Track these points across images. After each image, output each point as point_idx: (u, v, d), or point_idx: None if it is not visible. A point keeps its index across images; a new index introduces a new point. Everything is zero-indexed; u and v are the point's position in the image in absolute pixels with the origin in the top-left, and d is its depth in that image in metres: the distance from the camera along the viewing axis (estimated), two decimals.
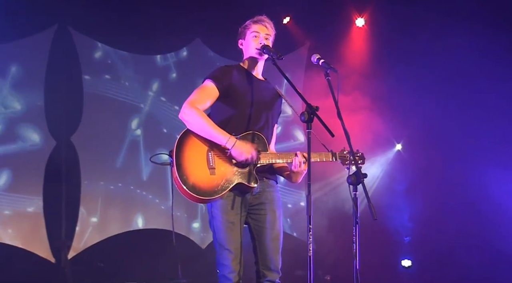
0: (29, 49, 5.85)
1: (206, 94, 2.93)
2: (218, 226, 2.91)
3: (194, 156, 2.84)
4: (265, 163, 2.93)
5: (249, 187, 2.90)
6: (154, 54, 6.50)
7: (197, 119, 2.84)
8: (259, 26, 3.06)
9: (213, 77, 2.96)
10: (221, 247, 2.90)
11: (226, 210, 2.89)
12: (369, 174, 2.70)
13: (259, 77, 3.12)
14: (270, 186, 3.03)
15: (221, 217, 2.89)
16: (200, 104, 2.90)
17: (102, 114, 6.16)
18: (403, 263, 6.57)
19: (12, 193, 5.77)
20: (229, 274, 2.87)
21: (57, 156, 5.92)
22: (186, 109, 2.86)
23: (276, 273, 2.97)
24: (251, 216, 2.99)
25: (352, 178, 2.61)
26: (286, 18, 6.54)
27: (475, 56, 5.87)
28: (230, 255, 2.87)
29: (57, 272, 5.78)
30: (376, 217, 2.46)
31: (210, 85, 2.94)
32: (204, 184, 2.80)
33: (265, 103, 3.05)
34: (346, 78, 6.15)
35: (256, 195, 2.97)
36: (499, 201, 5.87)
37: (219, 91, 2.94)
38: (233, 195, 2.90)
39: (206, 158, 2.85)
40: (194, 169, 2.81)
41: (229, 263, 2.87)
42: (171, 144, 2.86)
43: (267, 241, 2.96)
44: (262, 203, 2.99)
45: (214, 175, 2.82)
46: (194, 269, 5.52)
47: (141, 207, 6.35)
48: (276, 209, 3.01)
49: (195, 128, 2.86)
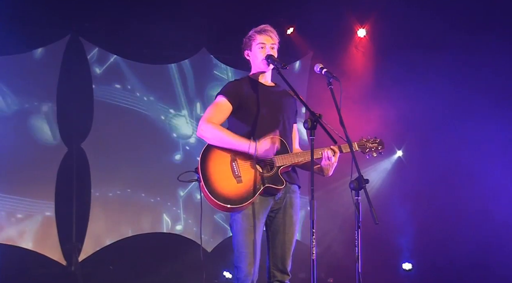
0: (42, 59, 6.01)
1: (219, 110, 3.02)
2: (238, 230, 2.97)
3: (219, 168, 2.91)
4: (288, 164, 2.99)
5: (276, 189, 2.97)
6: (163, 63, 6.61)
7: (215, 132, 2.93)
8: (264, 36, 3.11)
9: (224, 93, 3.05)
10: (238, 250, 2.97)
11: (247, 214, 2.96)
12: (370, 180, 2.75)
13: (268, 84, 3.18)
14: (292, 192, 3.09)
15: (241, 221, 2.96)
16: (215, 119, 2.98)
17: (111, 122, 6.31)
18: (404, 266, 6.61)
19: (25, 197, 5.90)
20: (244, 277, 2.94)
21: (68, 162, 6.05)
22: (203, 126, 2.95)
23: (286, 275, 3.04)
24: (270, 219, 3.07)
25: (354, 183, 2.66)
26: (290, 29, 6.62)
27: (476, 64, 5.93)
28: (246, 258, 2.94)
29: (68, 274, 5.88)
30: (377, 221, 2.51)
31: (222, 100, 3.03)
32: (233, 193, 2.88)
33: (278, 107, 3.11)
34: (347, 87, 6.21)
35: (278, 200, 3.04)
36: (500, 205, 5.89)
37: (232, 105, 3.02)
38: (255, 200, 2.95)
39: (231, 168, 2.92)
40: (221, 181, 2.89)
41: (245, 266, 2.94)
42: (179, 149, 2.95)
43: (280, 244, 3.04)
44: (282, 208, 3.06)
45: (241, 183, 2.90)
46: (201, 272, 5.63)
47: (150, 211, 6.45)
48: (294, 214, 3.08)
49: (215, 141, 2.94)
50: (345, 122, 2.76)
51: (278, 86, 3.23)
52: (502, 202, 5.94)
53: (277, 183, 2.96)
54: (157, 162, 6.47)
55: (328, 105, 2.95)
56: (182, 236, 6.53)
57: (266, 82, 3.19)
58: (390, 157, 6.91)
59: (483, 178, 5.94)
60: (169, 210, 6.55)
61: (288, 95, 3.21)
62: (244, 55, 3.22)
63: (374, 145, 3.17)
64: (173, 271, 6.04)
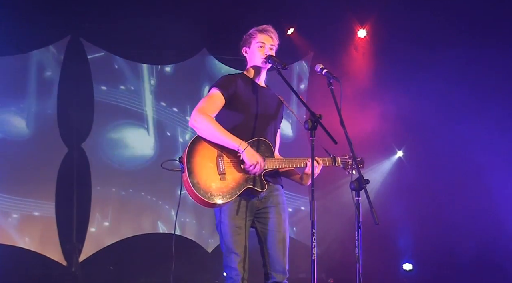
0: (43, 59, 6.04)
1: (213, 102, 2.98)
2: (225, 230, 2.97)
3: (204, 162, 2.88)
4: (272, 168, 2.99)
5: (257, 192, 2.96)
6: (163, 63, 6.63)
7: (208, 125, 2.89)
8: (264, 36, 3.10)
9: (218, 85, 3.02)
10: (228, 250, 2.97)
11: (233, 215, 2.96)
12: (371, 180, 2.76)
13: (262, 85, 3.17)
14: (276, 190, 3.08)
15: (228, 222, 2.95)
16: (209, 111, 2.94)
17: (112, 122, 6.34)
18: (405, 266, 6.61)
19: (25, 198, 5.92)
20: (236, 276, 2.95)
21: (69, 163, 6.07)
22: (196, 116, 2.91)
23: (283, 274, 3.03)
24: (257, 220, 3.05)
25: (354, 184, 2.68)
26: (291, 29, 6.63)
27: (475, 65, 5.92)
28: (236, 258, 2.95)
29: (69, 275, 5.90)
30: (378, 222, 2.51)
31: (216, 93, 3.00)
32: (214, 189, 2.85)
33: (269, 110, 3.12)
34: (348, 87, 6.23)
35: (262, 199, 3.03)
36: (502, 206, 5.89)
37: (225, 98, 2.99)
38: (240, 199, 2.95)
39: (216, 164, 2.90)
40: (205, 175, 2.86)
41: (236, 265, 2.95)
42: (179, 149, 2.94)
43: (273, 244, 3.02)
44: (268, 207, 3.04)
45: (225, 181, 2.88)
46: (201, 272, 5.66)
47: (150, 212, 6.47)
48: (282, 212, 3.07)
49: (206, 134, 2.90)
50: (345, 123, 2.76)
51: (269, 89, 3.22)
52: (502, 202, 5.94)
53: (258, 186, 2.96)
54: (157, 162, 6.45)
55: (328, 106, 2.95)
56: (182, 237, 6.54)
57: (260, 83, 3.18)
58: (391, 158, 6.92)
59: (484, 178, 5.95)
60: (169, 211, 6.56)
61: (278, 100, 3.21)
62: (242, 52, 3.20)
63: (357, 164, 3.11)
64: (173, 271, 6.03)
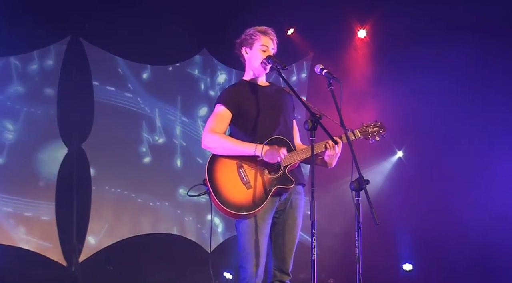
0: (43, 60, 6.05)
1: (220, 118, 3.02)
2: (244, 230, 2.96)
3: (226, 177, 2.91)
4: (293, 162, 2.98)
5: (286, 189, 2.97)
6: (163, 64, 6.64)
7: (220, 142, 2.93)
8: (267, 39, 3.09)
9: (222, 101, 3.05)
10: (245, 250, 2.96)
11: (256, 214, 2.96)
12: (371, 181, 2.75)
13: (263, 84, 3.17)
14: (297, 193, 3.10)
15: (248, 222, 2.95)
16: (218, 129, 2.98)
17: (112, 123, 6.33)
18: (405, 267, 6.61)
19: (25, 198, 5.93)
20: (250, 278, 2.94)
21: (69, 163, 6.07)
22: (207, 137, 2.95)
23: (286, 275, 3.05)
24: (274, 219, 3.06)
25: (354, 184, 2.69)
26: (290, 30, 6.62)
27: (476, 65, 5.92)
28: (252, 259, 2.93)
29: (69, 275, 5.90)
30: (378, 222, 2.52)
31: (221, 108, 3.03)
32: (244, 200, 2.88)
33: (276, 106, 3.11)
34: (348, 88, 6.24)
35: (283, 200, 3.04)
36: (501, 205, 5.88)
37: (231, 112, 3.02)
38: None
39: (238, 176, 2.92)
40: (231, 190, 2.89)
41: (251, 267, 2.93)
42: (180, 152, 2.95)
43: (284, 245, 3.04)
44: (286, 208, 3.06)
45: (251, 189, 2.90)
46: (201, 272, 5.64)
47: (150, 212, 6.47)
48: (298, 216, 3.09)
49: (221, 151, 2.94)
50: (345, 123, 2.78)
51: (273, 85, 3.23)
52: (502, 202, 5.93)
53: (286, 183, 2.96)
54: (158, 163, 6.48)
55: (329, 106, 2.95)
56: (182, 237, 6.54)
57: (262, 83, 3.18)
58: (391, 158, 6.92)
59: (484, 179, 5.95)
60: (169, 211, 6.56)
61: (284, 92, 3.20)
62: (240, 51, 3.17)
63: (376, 129, 3.14)
64: (173, 271, 6.04)
